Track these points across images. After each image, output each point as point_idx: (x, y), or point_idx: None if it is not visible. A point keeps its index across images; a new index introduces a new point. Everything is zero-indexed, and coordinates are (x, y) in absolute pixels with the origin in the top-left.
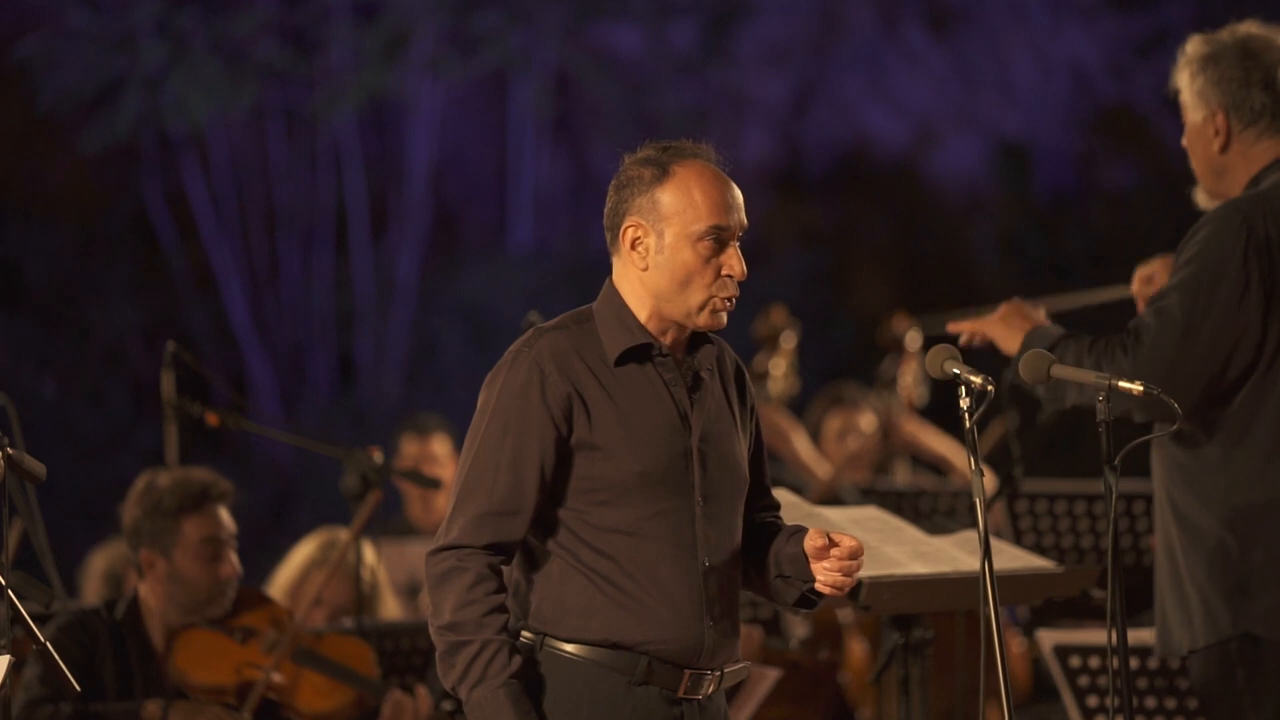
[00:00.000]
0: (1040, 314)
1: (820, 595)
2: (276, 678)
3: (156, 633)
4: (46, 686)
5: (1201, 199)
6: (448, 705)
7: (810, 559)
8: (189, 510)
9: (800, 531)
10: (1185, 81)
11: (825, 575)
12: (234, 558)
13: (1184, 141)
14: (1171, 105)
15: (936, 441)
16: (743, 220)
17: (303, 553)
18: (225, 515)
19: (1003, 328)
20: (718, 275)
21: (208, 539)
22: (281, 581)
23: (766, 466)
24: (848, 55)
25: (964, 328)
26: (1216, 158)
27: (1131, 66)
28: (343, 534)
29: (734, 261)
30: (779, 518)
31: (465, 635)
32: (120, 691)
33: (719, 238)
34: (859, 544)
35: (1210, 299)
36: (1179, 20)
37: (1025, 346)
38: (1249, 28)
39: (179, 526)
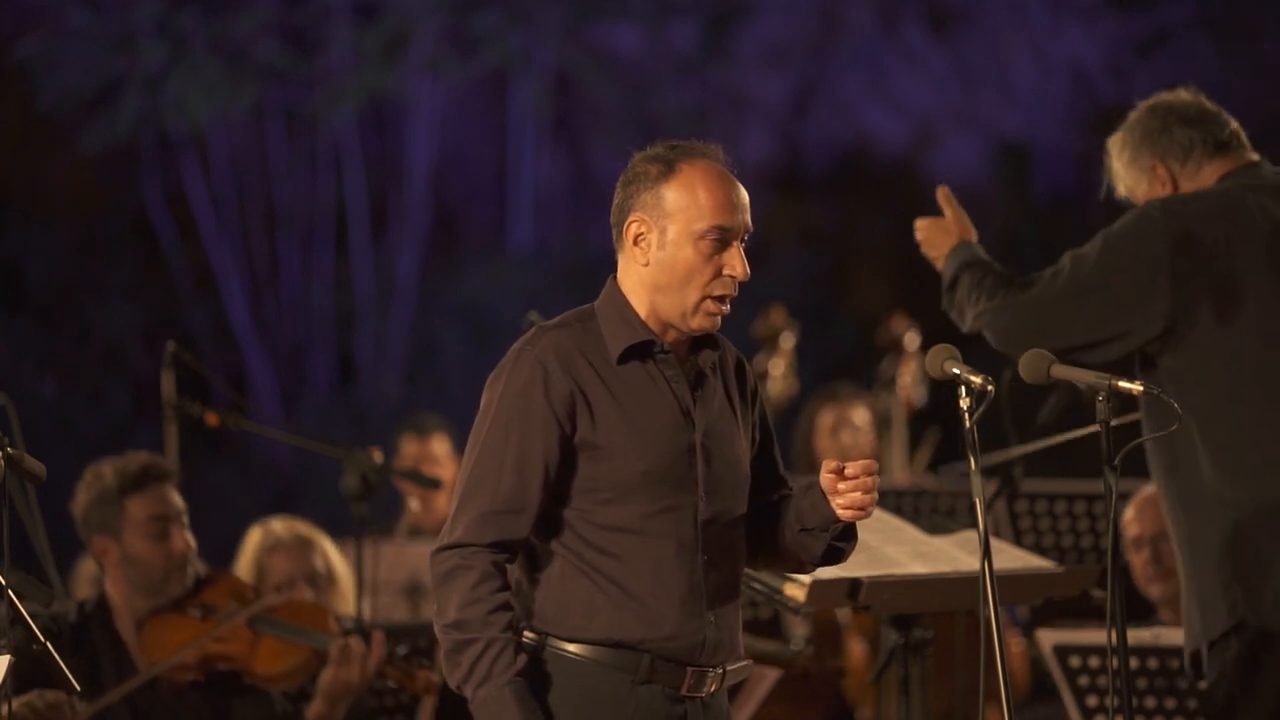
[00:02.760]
0: (973, 231)
1: (847, 539)
2: (226, 646)
3: (126, 626)
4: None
5: None
6: (402, 649)
7: (828, 495)
8: (131, 491)
9: (815, 482)
10: (1118, 167)
11: (844, 499)
12: (186, 534)
13: None
14: None
15: None
16: (747, 223)
17: (250, 547)
18: (171, 493)
19: (941, 233)
20: (717, 274)
21: (154, 517)
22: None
23: (778, 455)
24: (848, 55)
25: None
26: None
27: (1131, 66)
28: (275, 524)
29: (736, 261)
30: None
31: (470, 633)
32: (90, 685)
33: (721, 238)
34: (872, 462)
35: (1103, 275)
36: (1179, 20)
37: (947, 259)
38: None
39: (124, 508)
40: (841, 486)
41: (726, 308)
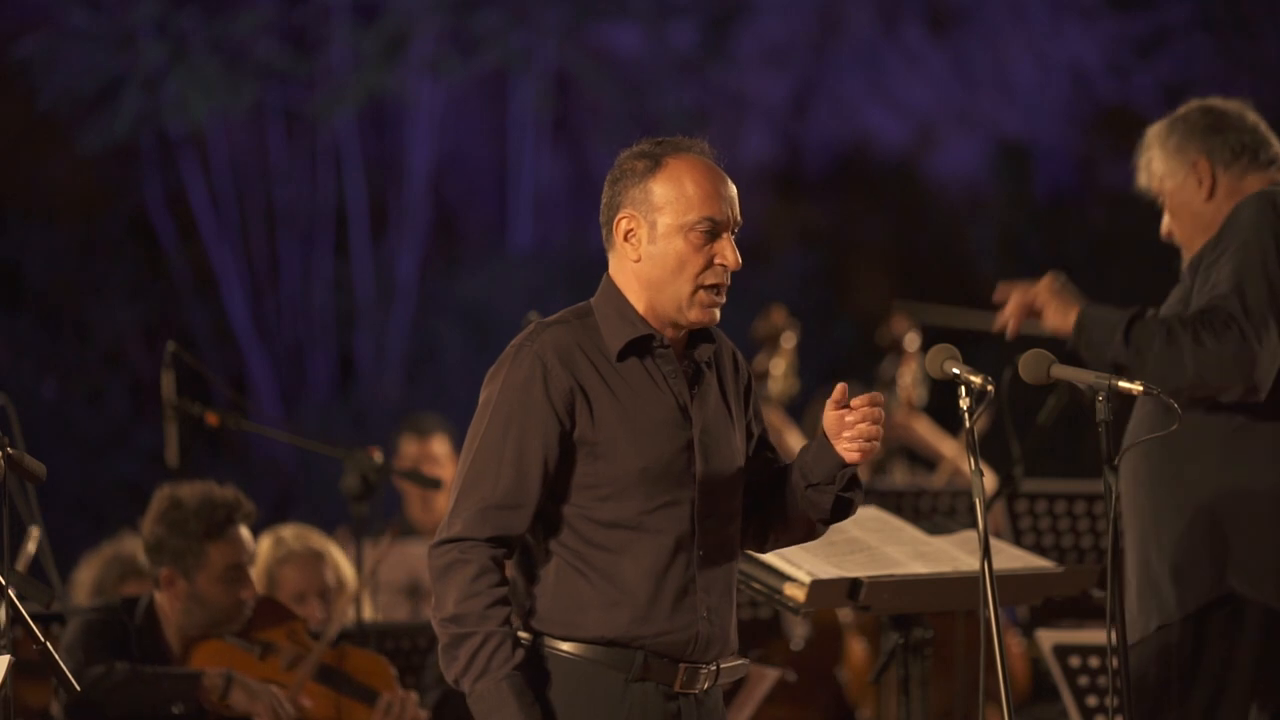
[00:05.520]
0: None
1: (853, 489)
2: (305, 701)
3: (173, 639)
4: (87, 652)
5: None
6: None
7: (832, 438)
8: (215, 535)
9: (817, 436)
10: (1156, 155)
11: (851, 432)
12: (254, 579)
13: (1166, 225)
14: (1171, 101)
15: (933, 436)
16: (736, 215)
17: (261, 556)
18: (247, 536)
19: (1057, 302)
20: (709, 263)
21: (232, 566)
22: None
23: (773, 441)
24: (848, 55)
25: (1013, 298)
26: (1205, 208)
27: (1131, 66)
28: (286, 533)
29: (727, 251)
30: None
31: (468, 627)
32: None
33: (711, 229)
34: (877, 394)
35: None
36: (1179, 20)
37: (1082, 326)
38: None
39: (204, 550)
40: (849, 419)
41: (721, 298)
